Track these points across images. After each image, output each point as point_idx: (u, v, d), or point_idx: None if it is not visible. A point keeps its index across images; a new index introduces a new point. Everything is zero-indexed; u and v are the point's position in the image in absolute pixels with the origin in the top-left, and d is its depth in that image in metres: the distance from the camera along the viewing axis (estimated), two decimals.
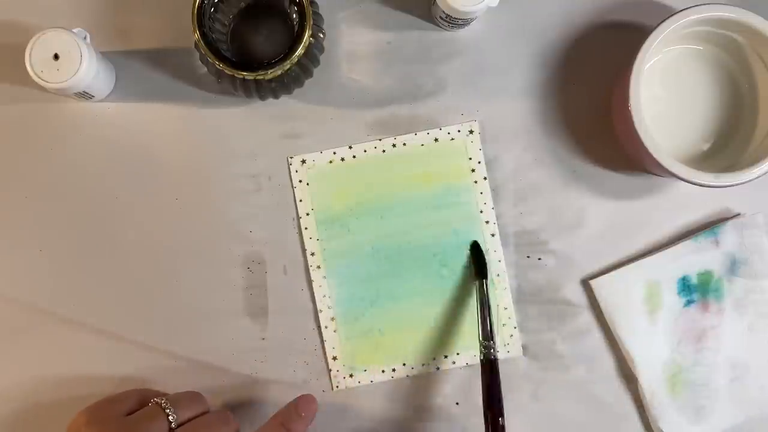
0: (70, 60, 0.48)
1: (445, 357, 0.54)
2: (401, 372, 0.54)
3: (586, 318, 0.54)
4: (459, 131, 0.54)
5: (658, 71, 0.53)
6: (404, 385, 0.54)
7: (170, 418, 0.44)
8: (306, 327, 0.54)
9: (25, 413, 0.52)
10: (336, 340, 0.54)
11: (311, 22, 0.47)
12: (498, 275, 0.54)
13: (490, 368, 0.50)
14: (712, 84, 0.53)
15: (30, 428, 0.53)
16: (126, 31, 0.54)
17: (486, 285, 0.52)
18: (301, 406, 0.47)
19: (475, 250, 0.53)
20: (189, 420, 0.45)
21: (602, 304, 0.53)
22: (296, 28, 0.48)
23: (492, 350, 0.50)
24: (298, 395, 0.48)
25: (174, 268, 0.54)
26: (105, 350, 0.53)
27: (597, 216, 0.54)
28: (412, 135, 0.54)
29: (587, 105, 0.54)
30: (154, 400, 0.45)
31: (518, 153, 0.54)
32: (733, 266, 0.53)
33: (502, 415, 0.48)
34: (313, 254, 0.54)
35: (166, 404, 0.45)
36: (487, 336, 0.50)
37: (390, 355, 0.54)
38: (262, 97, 0.52)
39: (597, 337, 0.54)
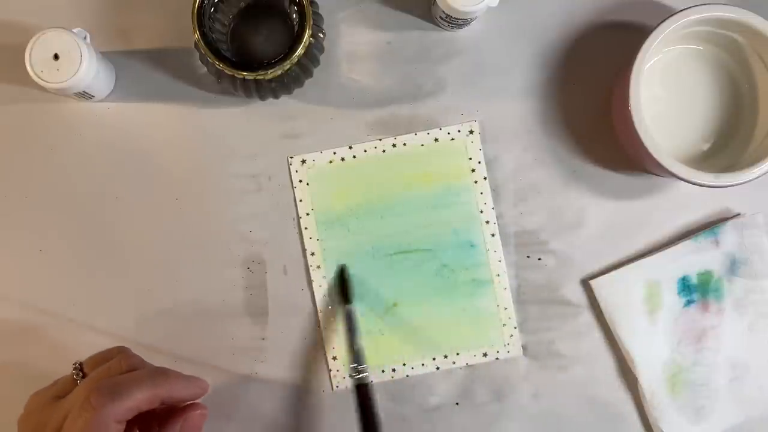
0: (70, 60, 0.48)
1: (445, 357, 0.54)
2: (401, 372, 0.54)
3: (586, 318, 0.54)
4: (459, 131, 0.54)
5: (658, 71, 0.53)
6: (404, 385, 0.54)
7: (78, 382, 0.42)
8: (306, 327, 0.54)
9: None
10: (336, 340, 0.54)
11: (311, 22, 0.47)
12: (498, 275, 0.54)
13: (363, 392, 0.49)
14: (712, 84, 0.53)
15: None
16: (126, 31, 0.54)
17: (352, 310, 0.52)
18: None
19: (341, 275, 0.53)
20: None
21: (602, 304, 0.53)
22: (296, 28, 0.48)
23: (365, 374, 0.49)
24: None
25: (174, 268, 0.54)
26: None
27: (597, 216, 0.54)
28: (412, 135, 0.54)
29: (587, 105, 0.54)
30: (73, 366, 0.43)
31: (518, 153, 0.54)
32: (733, 266, 0.53)
33: None
34: (313, 254, 0.54)
35: (77, 371, 0.42)
36: (359, 360, 0.50)
37: (390, 355, 0.54)
38: (262, 97, 0.52)
39: (597, 337, 0.54)
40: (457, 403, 0.54)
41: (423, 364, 0.54)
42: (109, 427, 0.38)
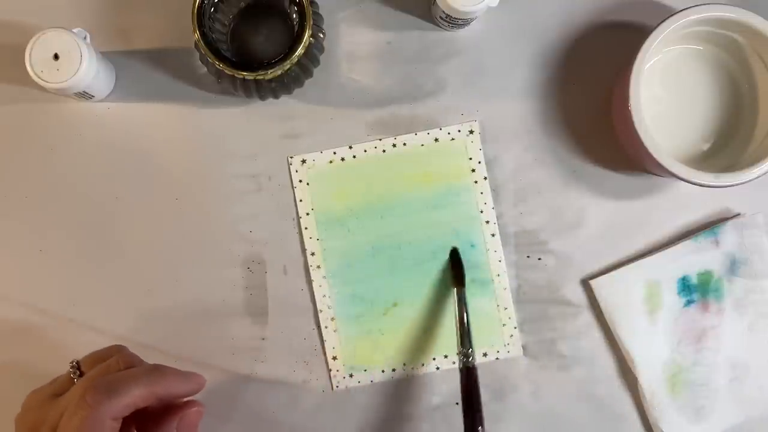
0: (70, 60, 0.48)
1: (445, 357, 0.54)
2: (401, 372, 0.54)
3: (586, 318, 0.54)
4: (459, 131, 0.54)
5: (658, 71, 0.53)
6: (404, 385, 0.54)
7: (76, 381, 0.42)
8: (306, 327, 0.54)
9: None
10: (336, 340, 0.54)
11: (311, 22, 0.47)
12: (498, 275, 0.54)
13: (468, 376, 0.49)
14: (712, 84, 0.53)
15: None
16: (126, 31, 0.54)
17: (464, 293, 0.52)
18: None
19: (454, 257, 0.53)
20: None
21: (602, 304, 0.53)
22: (296, 28, 0.48)
23: (471, 358, 0.50)
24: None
25: (174, 268, 0.54)
26: None
27: (597, 216, 0.54)
28: (412, 135, 0.54)
29: (587, 105, 0.54)
30: (70, 364, 0.43)
31: (518, 153, 0.54)
32: (733, 266, 0.53)
33: (482, 423, 0.48)
34: (313, 254, 0.54)
35: (75, 369, 0.42)
36: (466, 344, 0.50)
37: (390, 355, 0.54)
38: (262, 97, 0.52)
39: (597, 337, 0.54)
40: (457, 403, 0.54)
41: (423, 364, 0.54)
42: (105, 425, 0.38)
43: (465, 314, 0.51)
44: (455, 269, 0.53)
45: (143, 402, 0.39)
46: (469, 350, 0.50)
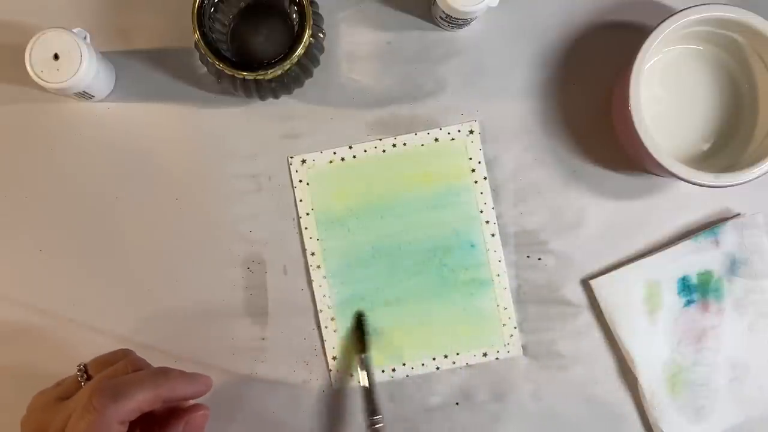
0: (70, 60, 0.48)
1: (445, 357, 0.54)
2: (401, 372, 0.54)
3: (586, 318, 0.54)
4: (459, 131, 0.54)
5: (658, 71, 0.53)
6: (404, 385, 0.54)
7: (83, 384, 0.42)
8: (306, 327, 0.54)
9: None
10: (336, 340, 0.54)
11: (311, 22, 0.47)
12: (498, 275, 0.54)
13: None
14: (712, 84, 0.53)
15: None
16: (126, 31, 0.54)
17: (369, 359, 0.51)
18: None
19: (358, 323, 0.53)
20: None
21: (602, 304, 0.53)
22: (296, 28, 0.48)
23: (381, 425, 0.50)
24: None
25: (174, 268, 0.54)
26: (105, 350, 0.53)
27: (597, 216, 0.54)
28: (412, 135, 0.54)
29: (587, 105, 0.54)
30: (77, 368, 0.43)
31: (518, 153, 0.54)
32: (733, 266, 0.53)
33: None
34: (313, 254, 0.54)
35: (82, 373, 0.43)
36: (377, 411, 0.50)
37: (390, 355, 0.54)
38: (262, 97, 0.52)
39: (597, 337, 0.54)
40: (457, 403, 0.54)
41: (423, 364, 0.54)
42: (112, 428, 0.38)
43: (373, 383, 0.51)
44: (358, 334, 0.52)
45: (149, 405, 0.39)
46: (378, 417, 0.50)
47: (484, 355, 0.54)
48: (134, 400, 0.39)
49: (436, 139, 0.54)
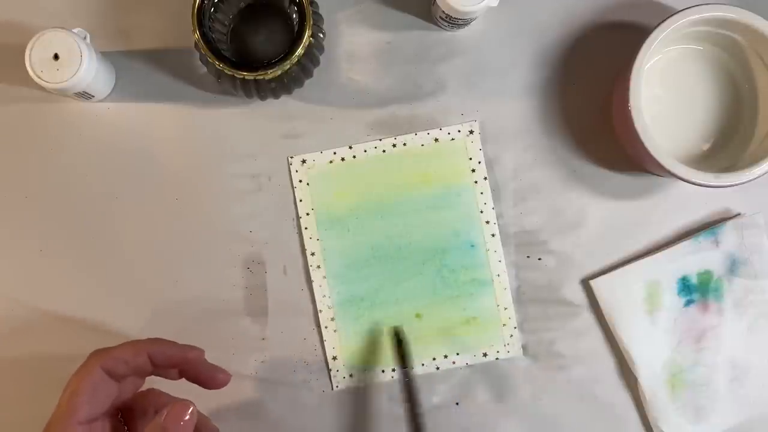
0: (70, 60, 0.48)
1: (445, 357, 0.54)
2: (401, 372, 0.54)
3: (586, 318, 0.54)
4: (459, 131, 0.54)
5: (658, 71, 0.53)
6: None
7: None
8: (306, 327, 0.54)
9: (25, 416, 0.52)
10: (336, 340, 0.54)
11: (311, 22, 0.47)
12: (498, 275, 0.54)
13: None
14: (712, 84, 0.53)
15: (31, 430, 0.52)
16: (126, 31, 0.54)
17: (411, 375, 0.50)
18: (166, 422, 0.41)
19: (397, 336, 0.52)
20: None
21: (602, 304, 0.53)
22: (296, 28, 0.48)
23: None
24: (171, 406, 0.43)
25: (174, 268, 0.54)
26: None
27: (597, 216, 0.54)
28: (412, 135, 0.54)
29: (587, 105, 0.54)
30: None
31: (518, 153, 0.54)
32: (733, 266, 0.53)
33: None
34: (313, 254, 0.54)
35: None
36: (418, 429, 0.49)
37: (390, 355, 0.54)
38: (262, 97, 0.52)
39: (597, 337, 0.54)
40: (457, 403, 0.54)
41: (423, 364, 0.54)
42: (94, 371, 0.40)
43: (416, 401, 0.49)
44: (400, 349, 0.51)
45: (132, 355, 0.41)
46: None
47: (484, 355, 0.54)
48: (119, 349, 0.41)
49: (436, 139, 0.54)
